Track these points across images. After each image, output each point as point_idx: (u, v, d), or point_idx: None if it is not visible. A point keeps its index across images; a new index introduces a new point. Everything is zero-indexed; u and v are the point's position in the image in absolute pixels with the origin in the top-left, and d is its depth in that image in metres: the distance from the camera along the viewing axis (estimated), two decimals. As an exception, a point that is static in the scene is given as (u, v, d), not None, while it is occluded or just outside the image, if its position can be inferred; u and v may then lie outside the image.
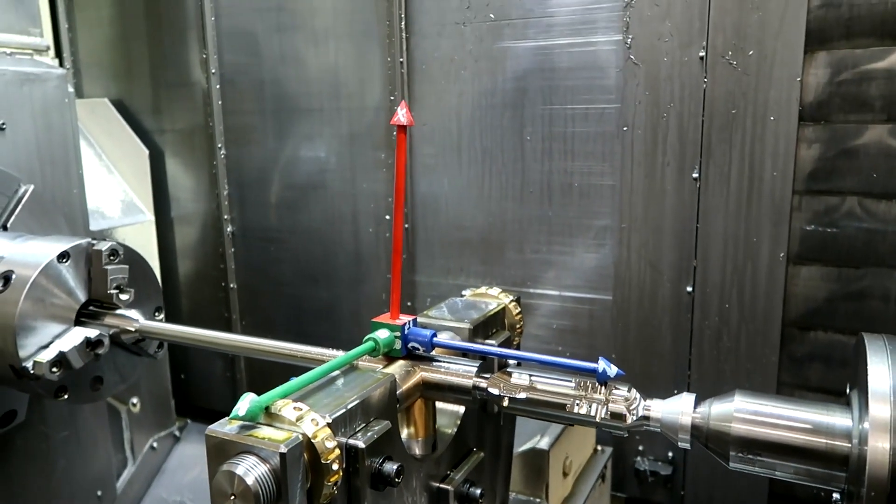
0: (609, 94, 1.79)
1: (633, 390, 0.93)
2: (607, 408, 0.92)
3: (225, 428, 0.77)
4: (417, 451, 1.07)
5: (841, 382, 1.67)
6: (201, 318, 2.54)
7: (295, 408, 0.79)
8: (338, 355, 1.20)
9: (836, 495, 0.87)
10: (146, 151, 2.42)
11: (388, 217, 2.15)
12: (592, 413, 0.92)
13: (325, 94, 2.18)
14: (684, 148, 1.72)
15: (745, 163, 1.65)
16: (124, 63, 2.50)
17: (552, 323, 1.97)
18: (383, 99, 2.09)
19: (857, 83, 1.52)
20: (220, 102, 2.36)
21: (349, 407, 0.84)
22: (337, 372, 0.93)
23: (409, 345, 1.04)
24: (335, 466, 0.78)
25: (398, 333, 1.04)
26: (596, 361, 0.94)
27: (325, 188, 2.26)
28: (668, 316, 1.81)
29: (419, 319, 1.20)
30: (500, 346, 1.23)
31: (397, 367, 1.02)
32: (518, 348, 1.36)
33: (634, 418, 0.91)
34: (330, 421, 0.80)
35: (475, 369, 1.02)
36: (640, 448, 1.92)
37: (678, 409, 0.89)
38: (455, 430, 1.13)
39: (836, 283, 1.61)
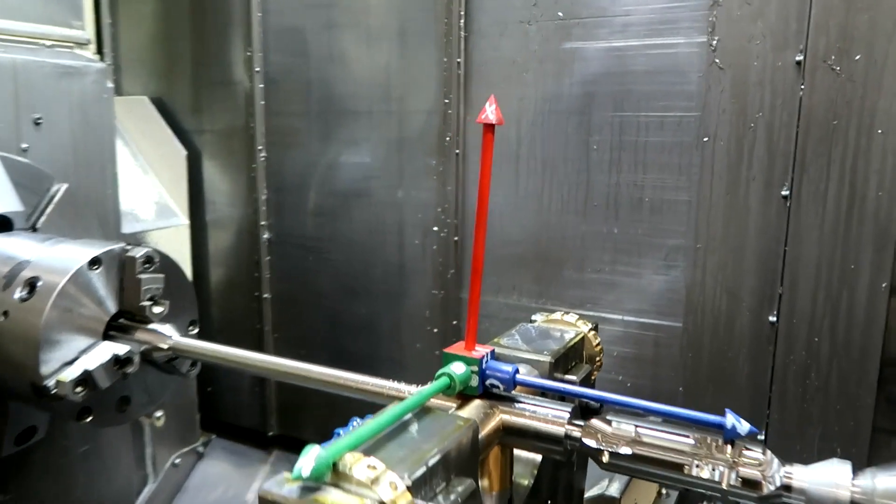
0: (689, 100, 1.63)
1: (769, 452, 0.77)
2: (737, 472, 0.76)
3: (283, 489, 0.62)
4: (492, 506, 0.91)
5: (949, 431, 1.49)
6: (232, 328, 2.41)
7: (369, 466, 0.64)
8: (383, 386, 1.06)
9: None
10: (184, 152, 2.31)
11: (435, 228, 2.01)
12: (717, 478, 0.76)
13: (375, 95, 2.05)
14: (773, 162, 1.55)
15: (845, 180, 1.47)
16: (166, 60, 2.39)
17: (613, 350, 1.81)
18: (437, 102, 1.95)
19: (983, 94, 1.35)
20: (262, 103, 2.24)
21: (430, 464, 0.69)
22: (409, 414, 0.79)
23: (488, 381, 0.89)
24: (414, 538, 0.64)
25: (475, 368, 0.88)
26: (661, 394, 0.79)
27: (369, 196, 2.12)
28: (747, 348, 1.64)
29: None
30: (581, 382, 1.07)
31: (475, 409, 0.87)
32: (595, 384, 1.20)
33: (772, 487, 0.74)
34: (410, 483, 0.65)
35: (567, 414, 0.86)
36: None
37: (830, 479, 0.72)
38: (532, 481, 0.97)
39: (949, 318, 1.43)
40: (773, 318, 1.59)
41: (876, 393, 1.50)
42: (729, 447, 0.77)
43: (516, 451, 0.96)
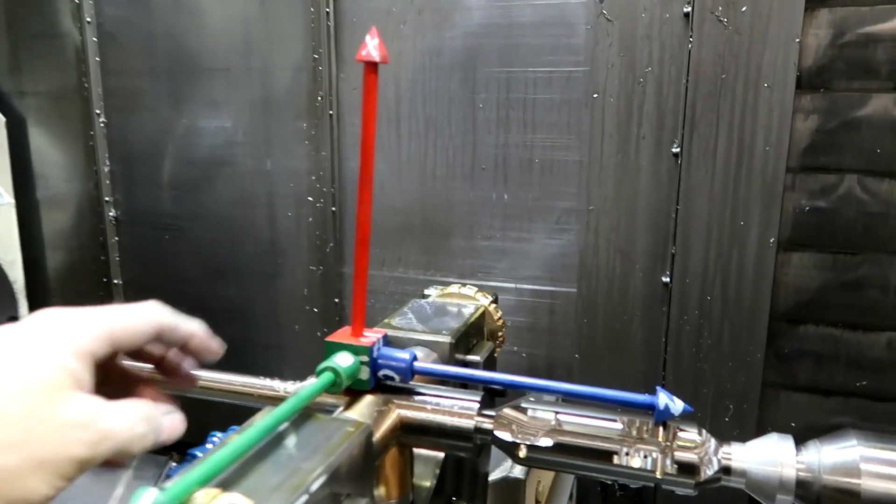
0: (577, 55, 1.54)
1: (705, 432, 0.68)
2: (672, 458, 0.66)
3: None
4: (391, 517, 0.77)
5: (831, 381, 1.52)
6: (79, 321, 2.09)
7: (229, 504, 0.47)
8: (255, 385, 0.89)
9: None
10: (2, 119, 1.95)
11: (310, 198, 1.82)
12: (649, 466, 0.66)
13: (233, 51, 1.81)
14: (663, 119, 1.50)
15: (733, 136, 1.44)
16: (-31, 6, 2.01)
17: (507, 320, 1.70)
18: (305, 58, 1.75)
19: (861, 46, 1.35)
20: (97, 59, 1.93)
21: (313, 489, 0.53)
22: (284, 425, 0.62)
23: (380, 373, 0.74)
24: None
25: (364, 358, 0.73)
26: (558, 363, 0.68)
27: (232, 165, 1.89)
28: (641, 310, 1.60)
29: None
30: (485, 362, 0.95)
31: (366, 407, 0.72)
32: (497, 361, 1.09)
33: (710, 472, 0.65)
34: (287, 522, 0.49)
35: (475, 403, 0.73)
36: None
37: (773, 457, 0.64)
38: (435, 481, 0.84)
39: (831, 271, 1.45)
40: (666, 279, 1.55)
41: (765, 348, 1.51)
42: (661, 429, 0.67)
43: (416, 450, 0.82)
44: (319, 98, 1.75)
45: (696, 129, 1.47)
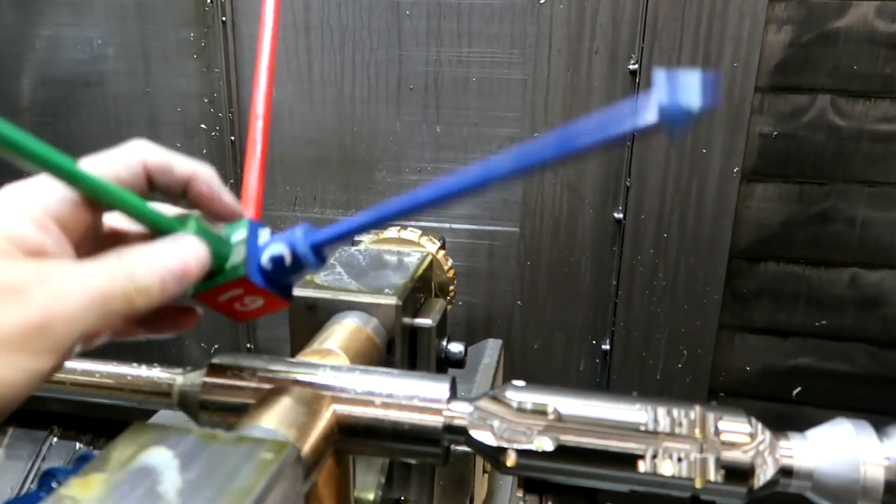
0: (522, -49, 1.30)
1: (754, 420, 0.50)
2: (717, 460, 0.48)
3: None
4: (328, 549, 0.57)
5: (789, 321, 1.42)
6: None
7: None
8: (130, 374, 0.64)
9: None
10: None
11: (203, 126, 1.52)
12: (685, 473, 0.48)
13: (93, -63, 1.45)
14: (619, 30, 1.30)
15: (699, 50, 1.27)
16: None
17: (440, 265, 1.51)
18: (188, -50, 1.42)
19: (844, -55, 1.18)
20: (-88, -54, 1.51)
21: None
22: (159, 454, 0.39)
23: (266, 259, 0.49)
24: None
25: (241, 235, 0.48)
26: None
27: (102, 85, 1.55)
28: (590, 251, 1.43)
29: (298, 292, 0.68)
30: (438, 324, 0.74)
31: (286, 409, 0.49)
32: (447, 322, 0.88)
33: (767, 475, 0.48)
34: None
35: (445, 391, 0.52)
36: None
37: (850, 454, 0.47)
38: (381, 491, 0.64)
39: (797, 203, 1.33)
40: (618, 215, 1.39)
41: (723, 288, 1.38)
42: (699, 416, 0.49)
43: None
44: (209, 2, 1.43)
45: (656, 42, 1.28)
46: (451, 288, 0.86)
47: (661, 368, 1.46)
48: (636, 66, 1.30)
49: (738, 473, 0.48)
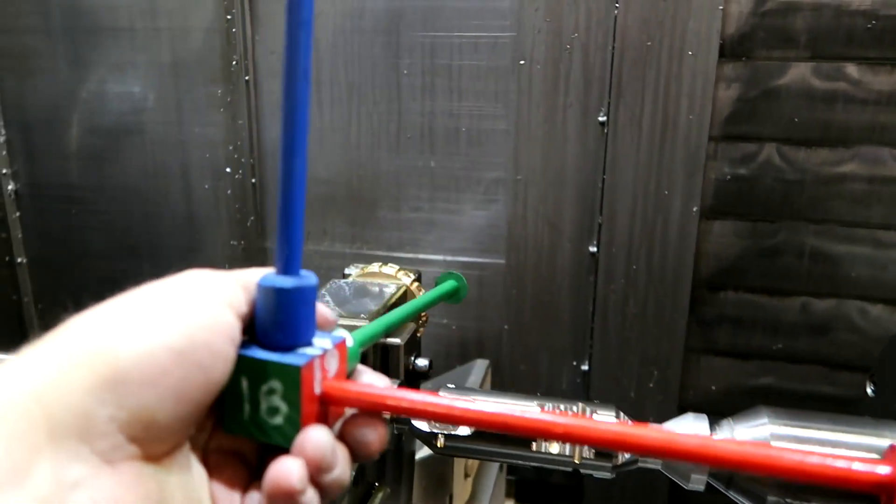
0: (503, 19, 1.49)
1: (622, 414, 0.67)
2: (590, 443, 0.65)
3: None
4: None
5: (749, 345, 1.57)
6: (-21, 302, 1.96)
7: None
8: None
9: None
10: None
11: (228, 170, 1.73)
12: (567, 452, 0.65)
13: (137, 8, 1.68)
14: (590, 87, 1.48)
15: (658, 104, 1.44)
16: None
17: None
18: (217, 18, 1.64)
19: (781, 14, 1.35)
20: (-16, 16, 1.76)
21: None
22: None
23: None
24: None
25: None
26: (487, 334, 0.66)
27: (142, 133, 1.77)
28: (569, 280, 1.60)
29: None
30: (406, 343, 0.92)
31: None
32: (420, 341, 1.06)
33: (627, 455, 0.65)
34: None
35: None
36: (535, 425, 1.72)
37: (689, 439, 0.64)
38: (354, 472, 0.81)
39: (750, 238, 1.48)
40: (593, 249, 1.55)
41: (688, 315, 1.53)
42: (579, 412, 0.66)
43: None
44: (234, 62, 1.65)
45: (622, 98, 1.45)
46: (424, 314, 1.03)
47: (634, 387, 1.60)
48: (605, 118, 1.47)
49: (605, 452, 0.64)
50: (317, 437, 0.37)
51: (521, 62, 1.50)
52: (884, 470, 0.33)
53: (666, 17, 1.39)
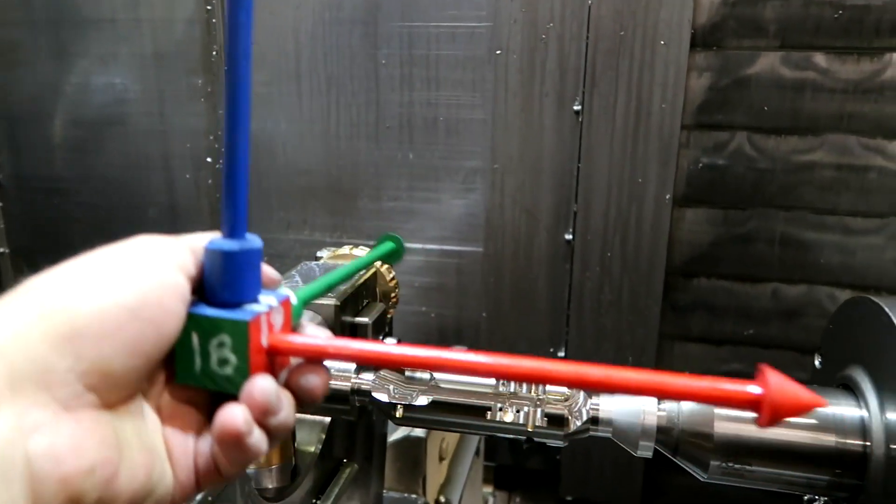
0: (479, 9, 1.51)
1: (573, 378, 0.69)
2: (542, 411, 0.67)
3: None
4: (271, 484, 0.76)
5: (722, 331, 1.59)
6: (-38, 293, 1.96)
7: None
8: None
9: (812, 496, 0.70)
10: None
11: (209, 160, 1.74)
12: (521, 420, 0.67)
13: (118, 0, 1.69)
14: (565, 76, 1.50)
15: (632, 93, 1.46)
16: None
17: (414, 280, 1.71)
18: (197, 9, 1.65)
19: (752, 4, 1.38)
20: (-34, 8, 1.77)
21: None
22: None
23: None
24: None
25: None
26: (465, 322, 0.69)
27: (124, 124, 1.78)
28: (545, 268, 1.62)
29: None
30: (375, 322, 0.94)
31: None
32: (391, 321, 1.08)
33: (579, 423, 0.67)
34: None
35: (353, 365, 0.72)
36: (514, 412, 1.74)
37: (637, 406, 0.66)
38: (321, 445, 0.83)
39: (722, 226, 1.50)
40: (569, 236, 1.57)
41: (661, 302, 1.56)
42: (533, 384, 0.68)
43: (300, 415, 0.80)
44: (215, 52, 1.66)
45: (596, 87, 1.48)
46: (393, 295, 1.05)
47: (610, 373, 1.62)
48: (580, 107, 1.50)
49: (556, 421, 0.67)
50: (262, 384, 0.40)
51: (498, 52, 1.52)
52: (755, 389, 0.40)
53: (638, 7, 1.41)
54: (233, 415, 0.39)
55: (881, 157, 1.39)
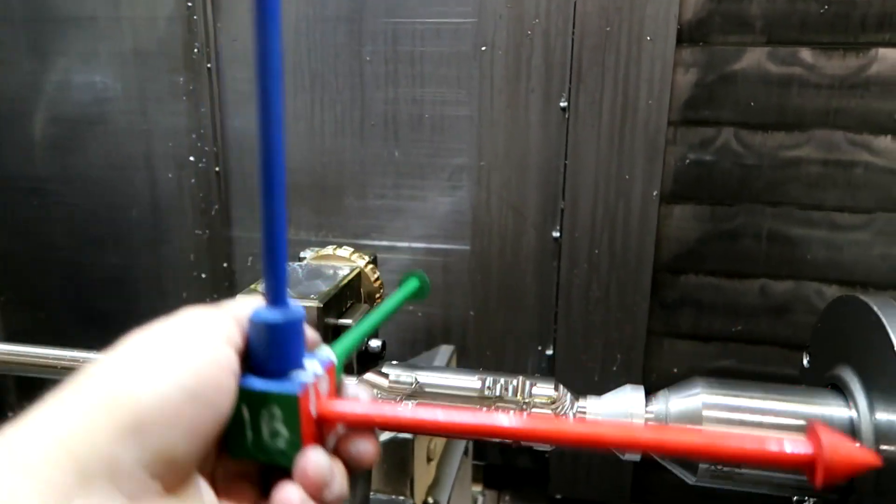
0: (465, 5, 1.50)
1: (561, 387, 0.68)
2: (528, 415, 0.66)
3: None
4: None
5: (710, 327, 1.59)
6: (-59, 296, 1.93)
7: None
8: (76, 359, 0.83)
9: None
10: None
11: (192, 158, 1.72)
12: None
13: (97, -4, 1.66)
14: (551, 72, 1.49)
15: (618, 89, 1.45)
16: None
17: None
18: (178, 7, 1.63)
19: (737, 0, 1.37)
20: (-59, 5, 1.73)
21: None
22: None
23: None
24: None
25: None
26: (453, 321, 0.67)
27: (105, 123, 1.75)
28: (533, 265, 1.61)
29: (242, 296, 0.86)
30: (356, 321, 0.93)
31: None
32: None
33: (565, 425, 0.66)
34: None
35: (335, 370, 0.71)
36: (503, 411, 1.73)
37: (625, 408, 0.65)
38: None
39: (710, 222, 1.50)
40: (556, 234, 1.56)
41: (650, 298, 1.55)
42: (519, 385, 0.67)
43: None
44: (196, 50, 1.64)
45: (582, 83, 1.47)
46: (378, 295, 1.04)
47: (598, 371, 1.62)
48: (566, 103, 1.49)
49: (543, 424, 0.65)
50: (315, 460, 0.40)
51: (483, 48, 1.50)
52: (806, 449, 0.36)
53: (624, 2, 1.40)
54: (288, 497, 0.39)
55: (867, 152, 1.39)
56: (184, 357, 0.38)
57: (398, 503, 1.25)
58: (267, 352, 0.41)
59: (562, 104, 1.49)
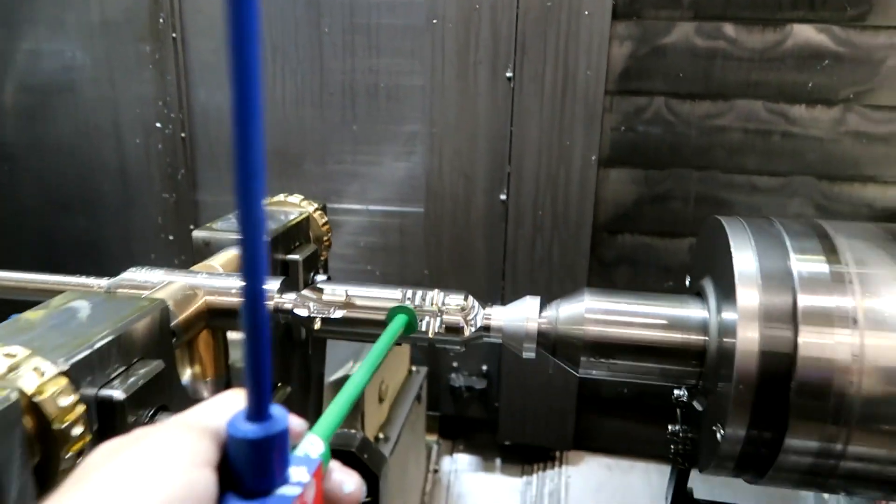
0: (416, -20, 1.59)
1: (471, 298, 0.79)
2: (441, 320, 0.77)
3: None
4: (207, 394, 0.85)
5: (646, 284, 1.71)
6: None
7: (5, 354, 0.53)
8: (67, 283, 0.90)
9: (679, 392, 0.81)
10: None
11: (158, 125, 1.79)
12: (424, 328, 0.77)
13: (64, -33, 1.73)
14: (497, 44, 1.59)
15: (559, 61, 1.56)
16: None
17: (359, 241, 1.80)
18: (144, -23, 1.70)
19: (666, -23, 1.48)
20: (-90, -27, 1.78)
21: (97, 346, 0.59)
22: (81, 302, 0.67)
23: None
24: (78, 430, 0.55)
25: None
26: (409, 280, 0.77)
27: (73, 91, 1.82)
28: (482, 227, 1.72)
29: (198, 233, 0.96)
30: (306, 260, 1.03)
31: (172, 291, 0.77)
32: (326, 263, 1.16)
33: (473, 330, 0.77)
34: (66, 368, 0.55)
35: (276, 285, 0.81)
36: (455, 364, 1.85)
37: (522, 315, 0.76)
38: (255, 365, 0.92)
39: (644, 185, 1.62)
40: (503, 197, 1.67)
41: (589, 257, 1.67)
42: (436, 296, 0.78)
43: (234, 335, 0.89)
44: (161, 20, 1.71)
45: (526, 55, 1.57)
46: (326, 239, 1.13)
47: (543, 326, 1.74)
48: (511, 74, 1.59)
49: (454, 329, 0.76)
50: None
51: (434, 21, 1.60)
52: None
53: (563, -21, 1.51)
54: None
55: (784, 120, 1.52)
56: (156, 489, 0.35)
57: (350, 436, 1.36)
58: (247, 469, 0.37)
59: (507, 75, 1.60)
